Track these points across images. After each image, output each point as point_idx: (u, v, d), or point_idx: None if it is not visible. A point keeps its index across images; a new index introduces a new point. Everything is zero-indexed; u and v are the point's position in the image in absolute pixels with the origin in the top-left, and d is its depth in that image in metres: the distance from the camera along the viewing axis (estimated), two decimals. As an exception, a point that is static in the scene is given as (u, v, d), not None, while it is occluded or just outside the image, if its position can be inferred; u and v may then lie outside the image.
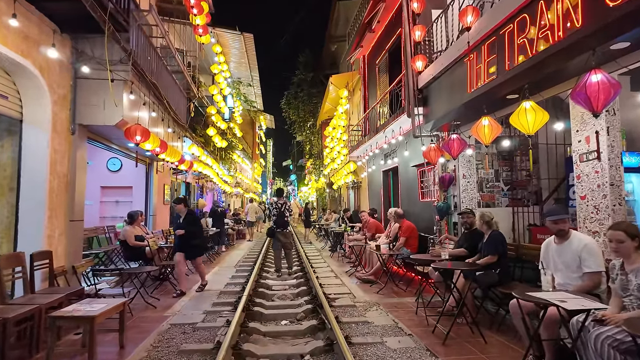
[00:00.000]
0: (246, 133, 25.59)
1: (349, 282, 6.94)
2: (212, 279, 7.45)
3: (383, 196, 9.59)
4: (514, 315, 3.35)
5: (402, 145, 7.39)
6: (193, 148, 9.37)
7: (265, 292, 6.30)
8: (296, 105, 19.49)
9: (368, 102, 10.87)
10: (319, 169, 20.14)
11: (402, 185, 8.22)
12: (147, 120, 6.21)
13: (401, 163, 8.13)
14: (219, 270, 8.52)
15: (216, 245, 11.76)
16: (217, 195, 16.81)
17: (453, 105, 5.03)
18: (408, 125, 7.02)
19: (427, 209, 6.97)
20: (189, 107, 9.35)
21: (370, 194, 11.13)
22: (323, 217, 17.05)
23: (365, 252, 7.75)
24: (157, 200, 9.24)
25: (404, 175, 8.10)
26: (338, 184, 14.87)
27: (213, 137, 10.54)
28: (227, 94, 12.36)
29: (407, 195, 7.95)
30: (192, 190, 12.82)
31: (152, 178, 8.68)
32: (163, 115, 7.00)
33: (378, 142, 8.75)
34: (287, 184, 57.66)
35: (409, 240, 6.74)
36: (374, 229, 8.32)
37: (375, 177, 10.35)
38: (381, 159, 9.34)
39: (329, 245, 12.36)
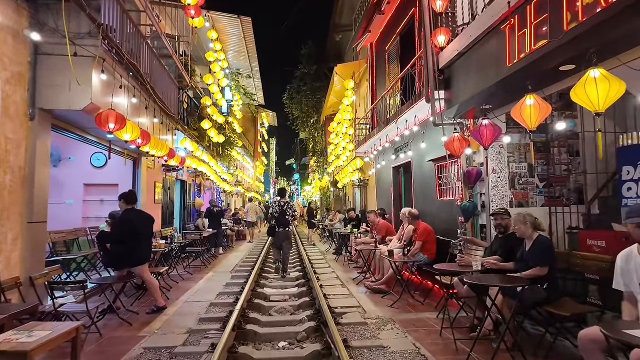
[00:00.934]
0: (247, 130, 24.82)
1: (356, 292, 6.11)
2: (204, 287, 6.65)
3: (393, 195, 8.75)
4: (585, 351, 2.51)
5: (418, 136, 6.54)
6: (186, 142, 8.58)
7: (261, 304, 5.48)
8: (299, 100, 18.62)
9: (376, 93, 10.02)
10: (323, 167, 19.28)
11: (416, 182, 7.37)
12: (125, 106, 5.41)
13: (415, 157, 7.28)
14: (212, 276, 7.73)
15: (213, 248, 11.00)
16: (216, 194, 16.03)
17: (484, 84, 4.18)
18: (425, 114, 6.17)
19: (446, 208, 6.13)
20: (181, 97, 8.56)
21: (379, 192, 10.28)
22: (327, 217, 16.25)
23: (375, 257, 6.91)
24: (147, 199, 8.46)
25: (418, 171, 7.25)
26: (343, 182, 14.03)
27: (208, 130, 9.74)
28: (224, 86, 11.54)
29: (421, 194, 7.10)
30: (188, 189, 12.03)
31: (139, 175, 7.89)
32: (147, 103, 6.20)
33: (389, 134, 7.90)
34: (290, 184, 56.92)
35: (426, 244, 5.90)
36: (384, 230, 7.48)
37: (384, 174, 9.51)
38: (391, 153, 8.49)
39: (334, 248, 11.56)
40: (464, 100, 4.70)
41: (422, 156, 6.91)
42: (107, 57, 4.57)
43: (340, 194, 17.74)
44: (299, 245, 12.06)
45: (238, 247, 12.98)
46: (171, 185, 10.39)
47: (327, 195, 20.88)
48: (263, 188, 35.53)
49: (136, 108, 5.84)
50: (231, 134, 12.92)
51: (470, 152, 5.03)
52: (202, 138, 9.89)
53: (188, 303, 5.63)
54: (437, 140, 6.14)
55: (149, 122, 6.54)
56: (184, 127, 8.89)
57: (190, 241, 8.62)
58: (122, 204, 5.07)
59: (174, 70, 8.36)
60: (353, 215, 10.47)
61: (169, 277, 7.09)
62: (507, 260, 4.01)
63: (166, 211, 9.98)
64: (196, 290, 6.46)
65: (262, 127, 28.53)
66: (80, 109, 4.37)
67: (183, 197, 11.76)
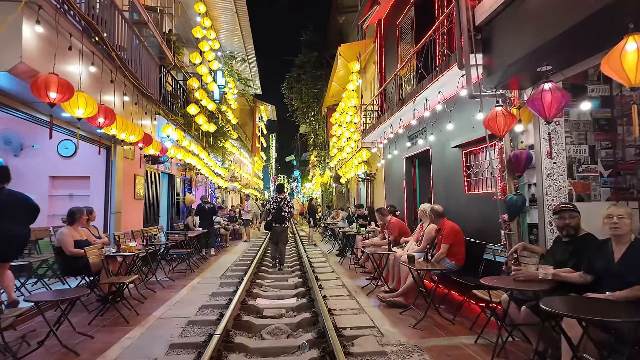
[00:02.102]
0: (245, 124, 23.72)
1: (368, 305, 5.03)
2: (185, 298, 5.58)
3: (406, 189, 7.65)
4: None
5: (442, 118, 5.45)
6: (169, 130, 7.49)
7: (252, 322, 4.41)
8: (299, 90, 17.44)
9: (385, 76, 8.92)
10: (325, 162, 18.15)
11: (437, 174, 6.27)
12: (79, 75, 4.31)
13: (435, 145, 6.18)
14: (199, 283, 6.65)
15: (204, 249, 9.94)
16: (210, 191, 14.95)
17: (546, 36, 3.09)
18: (451, 89, 5.08)
19: (477, 204, 5.05)
20: (164, 78, 7.47)
21: (388, 187, 9.18)
22: (329, 216, 15.19)
23: (389, 262, 5.83)
24: (126, 195, 7.39)
25: (439, 160, 6.15)
26: (347, 177, 12.93)
27: (196, 118, 8.65)
28: (216, 70, 10.45)
29: (443, 187, 6.00)
30: (177, 184, 10.95)
31: (114, 166, 6.82)
32: (114, 77, 5.11)
33: (403, 119, 6.81)
34: (291, 181, 55.87)
35: (454, 248, 4.82)
36: (397, 231, 6.40)
37: (395, 166, 8.41)
38: (405, 142, 7.40)
39: (337, 249, 10.50)
40: (512, 63, 3.61)
41: (445, 142, 5.81)
42: (45, 4, 3.47)
43: (344, 191, 16.65)
44: (299, 246, 10.99)
45: (233, 247, 11.91)
46: (156, 179, 9.31)
47: (329, 192, 19.79)
48: (262, 185, 34.43)
49: (97, 80, 4.75)
50: (225, 124, 11.82)
51: (521, 129, 3.93)
52: (190, 126, 8.80)
53: (161, 321, 4.55)
54: (467, 121, 5.06)
55: (117, 101, 5.45)
56: (168, 112, 7.80)
57: (174, 243, 7.54)
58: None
59: (156, 48, 7.26)
60: (363, 213, 9.38)
61: (145, 286, 6.02)
62: (578, 271, 2.93)
63: (150, 209, 8.91)
64: (175, 302, 5.39)
65: (261, 121, 27.41)
66: (6, 70, 3.28)
67: (171, 193, 10.69)
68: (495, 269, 4.40)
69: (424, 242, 5.41)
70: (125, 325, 4.33)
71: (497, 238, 4.41)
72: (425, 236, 5.44)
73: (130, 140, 5.58)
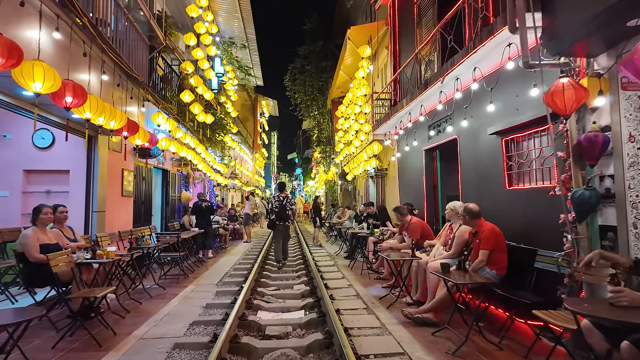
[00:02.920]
0: (246, 119, 22.90)
1: (391, 322, 4.22)
2: (174, 311, 4.78)
3: (425, 185, 6.82)
4: None
5: (477, 99, 4.63)
6: (160, 119, 6.68)
7: (252, 344, 3.60)
8: (302, 81, 16.52)
9: (400, 60, 8.08)
10: (330, 158, 17.28)
11: (466, 166, 5.44)
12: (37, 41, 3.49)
13: (466, 132, 5.34)
14: (192, 291, 5.85)
15: (201, 250, 9.14)
16: (209, 188, 14.15)
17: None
18: (490, 64, 4.26)
19: (522, 202, 4.22)
20: (154, 60, 6.65)
21: (402, 184, 8.35)
22: (334, 215, 14.38)
23: (412, 268, 5.02)
24: (111, 191, 6.60)
25: (469, 150, 5.31)
26: (354, 173, 12.10)
27: (191, 106, 7.82)
28: (213, 55, 9.60)
29: (476, 182, 5.17)
30: (172, 180, 10.15)
31: (96, 158, 6.02)
32: (88, 50, 4.28)
33: (424, 104, 5.98)
34: (293, 179, 55.08)
35: (495, 254, 4.00)
36: (418, 232, 5.57)
37: (411, 159, 7.57)
38: (425, 131, 6.58)
39: (345, 250, 9.69)
40: (585, 20, 2.78)
41: (478, 129, 4.98)
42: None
43: (349, 188, 15.82)
44: (303, 247, 10.18)
45: (232, 248, 11.11)
46: (148, 175, 8.51)
47: (334, 189, 18.95)
48: (264, 183, 33.62)
49: (64, 50, 3.93)
50: (223, 116, 10.99)
51: (602, 102, 3.09)
52: (184, 115, 7.98)
53: (142, 343, 3.75)
54: (509, 101, 4.23)
55: (92, 79, 4.63)
56: (158, 99, 6.98)
57: (166, 245, 6.73)
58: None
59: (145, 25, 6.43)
60: (373, 211, 8.56)
61: (128, 295, 5.22)
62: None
63: (141, 207, 8.11)
64: (163, 316, 4.59)
65: (262, 116, 26.56)
66: None
67: (166, 190, 9.89)
68: (550, 280, 3.59)
69: (455, 246, 4.59)
70: (96, 350, 3.53)
71: (553, 243, 3.59)
72: (456, 239, 4.62)
73: (111, 126, 4.77)
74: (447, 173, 6.63)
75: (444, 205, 6.68)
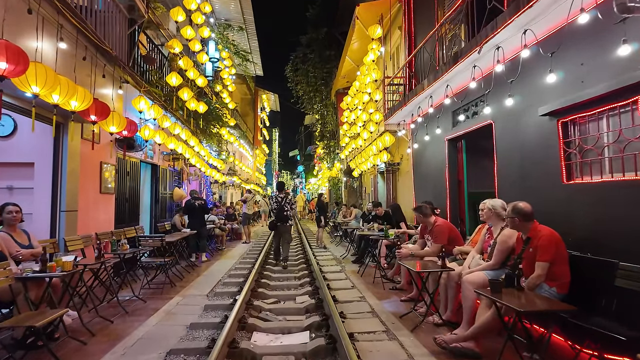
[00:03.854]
0: (246, 115, 22.00)
1: (420, 353, 3.32)
2: (151, 334, 3.89)
3: (449, 181, 5.89)
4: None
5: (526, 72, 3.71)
6: (142, 104, 5.79)
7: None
8: (305, 71, 15.52)
9: (415, 41, 7.15)
10: (334, 153, 16.33)
11: (505, 157, 4.52)
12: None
13: (505, 115, 4.41)
14: (178, 304, 4.97)
15: (193, 253, 8.28)
16: (205, 185, 13.27)
17: None
18: (548, 24, 3.34)
19: (590, 200, 3.31)
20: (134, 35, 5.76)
21: (418, 179, 7.42)
22: (338, 214, 13.48)
23: (440, 280, 4.11)
24: (86, 187, 5.73)
25: (509, 137, 4.39)
26: (360, 169, 11.19)
27: (180, 92, 6.92)
28: (207, 37, 8.67)
29: (519, 177, 4.24)
30: (163, 176, 9.26)
31: (65, 149, 5.14)
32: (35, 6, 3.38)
33: (450, 84, 5.06)
34: (294, 177, 54.21)
35: (555, 267, 3.11)
36: (446, 236, 4.64)
37: (431, 151, 6.65)
38: (449, 118, 5.67)
39: (352, 253, 8.80)
40: None
41: (523, 110, 4.05)
42: None
43: (355, 185, 14.89)
44: (306, 249, 9.29)
45: (229, 250, 10.23)
46: (134, 170, 7.63)
47: (338, 187, 18.03)
48: (265, 180, 32.73)
49: None
50: (217, 106, 10.07)
51: None
52: (171, 102, 7.08)
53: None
54: (571, 72, 3.30)
55: (43, 47, 3.73)
56: (141, 81, 6.07)
57: (151, 249, 5.85)
58: None
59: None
60: (381, 212, 7.66)
61: (97, 313, 4.33)
62: None
63: (125, 205, 7.23)
64: (134, 341, 3.70)
65: (263, 111, 25.63)
66: None
67: (155, 187, 9.00)
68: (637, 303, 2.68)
69: (498, 254, 3.68)
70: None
71: None
72: (497, 246, 3.71)
73: (72, 107, 3.87)
74: (476, 165, 5.72)
75: (470, 203, 5.78)
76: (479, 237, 4.47)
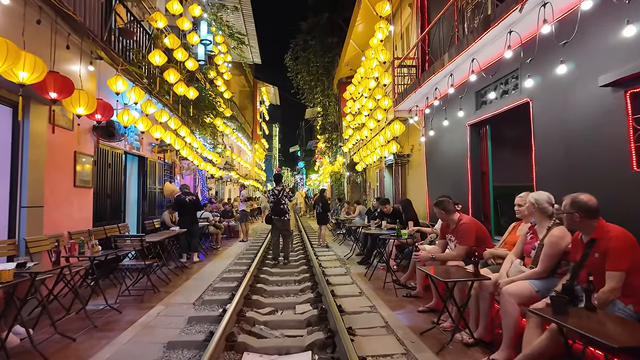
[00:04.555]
0: (245, 108, 21.23)
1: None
2: (121, 355, 3.17)
3: (471, 173, 5.14)
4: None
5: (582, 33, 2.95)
6: (119, 84, 5.05)
7: None
8: (306, 59, 14.69)
9: (429, 18, 6.39)
10: (336, 146, 15.56)
11: (546, 142, 3.76)
12: None
13: (548, 90, 3.65)
14: (158, 315, 4.25)
15: (184, 253, 7.59)
16: (200, 180, 12.56)
17: None
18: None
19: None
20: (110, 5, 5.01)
21: (432, 172, 6.68)
22: (341, 210, 12.77)
23: (471, 291, 3.37)
24: (55, 180, 5.02)
25: (555, 116, 3.62)
26: (365, 162, 10.45)
27: (165, 73, 6.17)
28: (198, 16, 7.90)
29: (568, 165, 3.49)
30: (150, 169, 8.54)
31: (26, 135, 4.41)
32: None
33: (477, 59, 4.30)
34: (295, 173, 53.48)
35: (632, 277, 2.37)
36: (473, 236, 3.90)
37: (448, 140, 5.89)
38: (472, 99, 4.92)
39: (357, 253, 8.10)
40: None
41: (575, 82, 3.29)
42: None
43: (359, 180, 14.15)
44: (307, 249, 8.57)
45: (225, 249, 9.52)
46: (117, 161, 6.90)
47: (340, 182, 17.29)
48: (264, 177, 32.00)
49: None
50: (211, 93, 9.31)
51: None
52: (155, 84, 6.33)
53: None
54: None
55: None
56: (118, 57, 5.32)
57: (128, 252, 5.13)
58: None
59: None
60: (389, 211, 6.93)
61: (55, 329, 3.61)
62: None
63: (106, 201, 6.51)
64: (94, 368, 2.99)
65: (262, 105, 24.83)
66: None
67: (143, 181, 8.28)
68: None
69: (546, 260, 2.96)
70: None
71: None
72: (546, 249, 2.98)
73: (21, 78, 3.13)
74: (501, 156, 4.99)
75: (497, 197, 5.05)
76: (513, 236, 3.75)
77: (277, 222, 7.08)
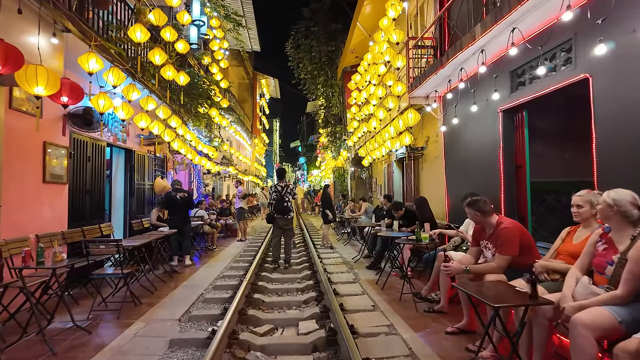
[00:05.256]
0: (244, 101, 20.45)
1: None
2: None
3: (504, 167, 4.40)
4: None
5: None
6: (92, 63, 4.31)
7: None
8: (308, 46, 13.86)
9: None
10: (340, 140, 14.79)
11: (611, 129, 3.02)
12: None
13: (617, 61, 2.91)
14: (134, 337, 3.54)
15: (175, 256, 6.91)
16: (195, 175, 11.83)
17: None
18: None
19: None
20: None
21: (452, 166, 5.93)
22: (346, 208, 12.06)
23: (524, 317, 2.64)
24: (18, 175, 4.31)
25: (628, 95, 2.88)
26: (373, 156, 9.71)
27: (150, 53, 5.42)
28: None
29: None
30: (138, 164, 7.82)
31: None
32: None
33: (519, 28, 3.55)
34: (296, 169, 52.70)
35: None
36: (516, 244, 3.16)
37: (474, 129, 5.14)
38: (506, 82, 4.17)
39: (364, 255, 7.40)
40: None
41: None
42: None
43: (364, 176, 13.41)
44: (310, 250, 7.87)
45: (222, 250, 8.83)
46: (98, 154, 6.18)
47: (343, 178, 16.54)
48: (265, 172, 31.26)
49: None
50: (205, 80, 8.57)
51: None
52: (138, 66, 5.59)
53: None
54: None
55: None
56: (89, 30, 4.57)
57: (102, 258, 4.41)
58: None
59: None
60: (401, 213, 6.21)
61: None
62: None
63: (84, 198, 5.80)
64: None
65: (262, 98, 24.02)
66: None
67: (130, 177, 7.56)
68: None
69: (631, 280, 2.24)
70: None
71: None
72: (630, 266, 2.26)
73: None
74: (541, 147, 4.25)
75: (533, 197, 4.31)
76: (568, 245, 3.02)
77: (280, 220, 6.56)
